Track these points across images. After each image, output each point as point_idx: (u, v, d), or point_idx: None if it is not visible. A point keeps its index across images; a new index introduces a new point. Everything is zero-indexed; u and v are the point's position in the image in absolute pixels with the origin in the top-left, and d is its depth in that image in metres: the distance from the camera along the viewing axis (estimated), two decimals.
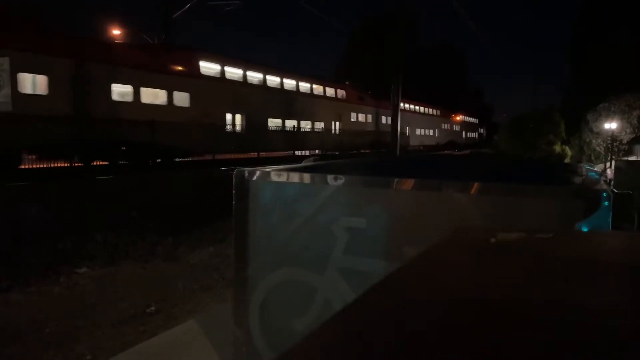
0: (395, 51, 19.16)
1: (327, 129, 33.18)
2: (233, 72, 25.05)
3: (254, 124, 25.57)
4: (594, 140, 35.14)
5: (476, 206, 2.09)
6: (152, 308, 5.39)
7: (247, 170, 2.70)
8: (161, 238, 8.55)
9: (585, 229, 1.84)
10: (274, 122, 27.83)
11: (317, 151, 30.18)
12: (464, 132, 66.68)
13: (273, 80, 28.14)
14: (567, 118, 35.17)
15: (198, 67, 22.63)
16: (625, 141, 32.79)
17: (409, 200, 2.26)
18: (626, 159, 21.76)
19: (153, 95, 20.12)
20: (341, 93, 35.06)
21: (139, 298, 5.69)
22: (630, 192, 1.94)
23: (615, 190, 1.91)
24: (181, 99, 21.26)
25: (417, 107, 48.25)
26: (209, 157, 22.39)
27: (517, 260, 0.95)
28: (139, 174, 16.60)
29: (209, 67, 23.35)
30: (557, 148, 33.35)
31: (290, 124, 29.42)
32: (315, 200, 2.46)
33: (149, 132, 18.84)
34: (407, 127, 42.35)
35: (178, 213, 10.17)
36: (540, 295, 0.74)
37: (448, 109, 59.77)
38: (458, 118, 63.51)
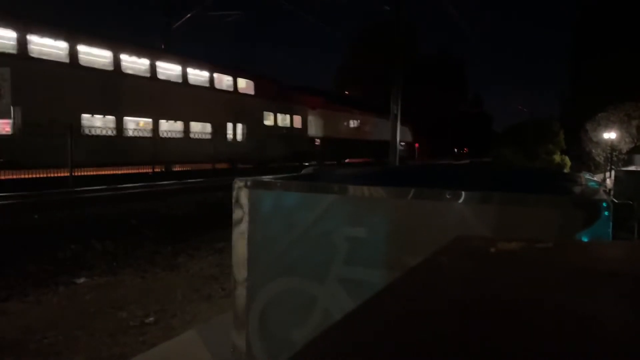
0: (394, 68, 20.33)
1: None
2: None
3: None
4: (593, 150, 35.21)
5: (476, 215, 2.08)
6: None
7: (246, 179, 2.69)
8: None
9: (585, 239, 1.84)
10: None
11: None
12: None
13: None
14: (567, 127, 35.26)
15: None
16: (624, 151, 32.84)
17: (409, 210, 2.25)
18: (626, 168, 21.72)
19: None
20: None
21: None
22: (630, 202, 1.93)
23: (615, 200, 1.91)
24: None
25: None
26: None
27: (517, 270, 0.95)
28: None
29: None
30: (557, 157, 33.41)
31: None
32: (315, 210, 2.45)
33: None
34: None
35: None
36: (540, 304, 0.74)
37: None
38: None
